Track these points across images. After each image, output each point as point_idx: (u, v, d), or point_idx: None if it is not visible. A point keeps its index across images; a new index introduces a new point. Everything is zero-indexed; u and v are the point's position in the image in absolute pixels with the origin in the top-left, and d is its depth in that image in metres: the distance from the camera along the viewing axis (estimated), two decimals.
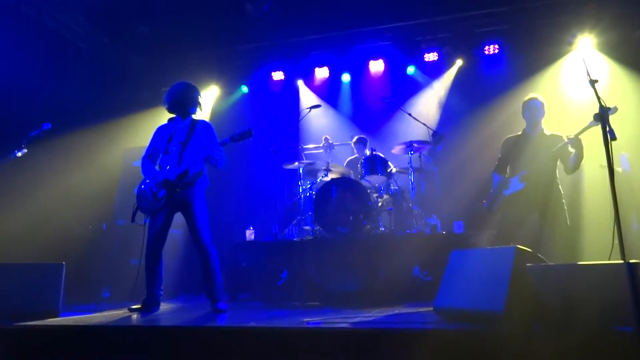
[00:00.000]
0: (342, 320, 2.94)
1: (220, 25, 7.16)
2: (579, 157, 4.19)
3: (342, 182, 5.41)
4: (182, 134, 4.20)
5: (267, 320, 3.16)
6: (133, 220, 4.23)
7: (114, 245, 6.17)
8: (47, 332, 3.00)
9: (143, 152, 4.38)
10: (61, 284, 3.62)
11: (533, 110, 4.55)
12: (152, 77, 7.84)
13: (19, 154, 4.48)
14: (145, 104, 7.38)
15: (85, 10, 6.67)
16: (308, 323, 2.86)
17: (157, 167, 4.29)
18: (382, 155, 5.74)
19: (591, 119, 3.70)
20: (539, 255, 2.85)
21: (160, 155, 4.26)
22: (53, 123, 4.60)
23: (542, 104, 4.55)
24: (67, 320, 3.35)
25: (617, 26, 6.39)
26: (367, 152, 6.12)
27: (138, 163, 4.58)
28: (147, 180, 4.18)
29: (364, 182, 5.55)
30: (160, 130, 4.36)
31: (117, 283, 5.80)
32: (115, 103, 7.04)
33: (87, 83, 6.73)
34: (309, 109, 6.22)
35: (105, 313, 3.85)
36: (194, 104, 4.31)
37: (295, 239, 5.56)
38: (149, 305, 4.07)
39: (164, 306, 4.37)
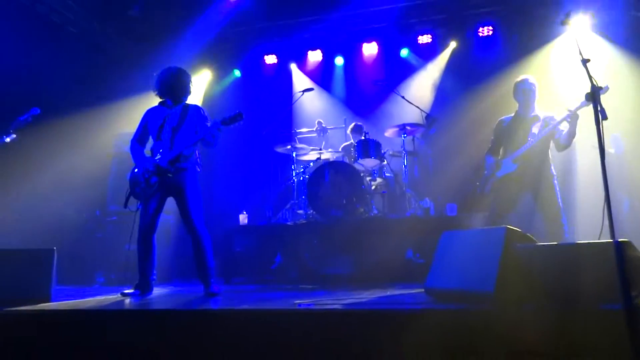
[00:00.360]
0: (334, 302, 2.95)
1: (212, 8, 7.07)
2: (572, 133, 4.19)
3: (336, 166, 5.40)
4: (174, 120, 4.15)
5: (259, 302, 3.16)
6: (126, 205, 4.20)
7: (107, 230, 6.15)
8: (38, 316, 2.99)
9: None
10: (53, 270, 3.60)
11: (525, 91, 4.52)
12: (143, 61, 7.71)
13: (8, 140, 4.44)
14: (137, 89, 7.28)
15: None
16: (299, 305, 2.87)
17: (147, 152, 4.25)
18: (375, 139, 5.72)
19: (584, 99, 3.70)
20: (529, 235, 2.86)
21: (152, 141, 4.22)
22: (43, 108, 4.55)
23: (534, 85, 4.52)
24: (58, 305, 3.35)
25: (611, 6, 6.36)
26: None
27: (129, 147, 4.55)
28: (138, 167, 4.15)
29: (357, 166, 5.55)
30: (151, 113, 4.29)
31: (111, 268, 5.81)
32: (107, 88, 6.97)
33: (78, 68, 6.67)
34: (301, 92, 6.17)
35: (98, 298, 3.84)
36: (186, 90, 4.25)
37: (288, 223, 5.56)
38: (143, 290, 4.07)
39: (157, 290, 4.37)
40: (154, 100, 4.47)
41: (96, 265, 5.95)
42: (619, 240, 2.38)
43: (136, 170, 4.17)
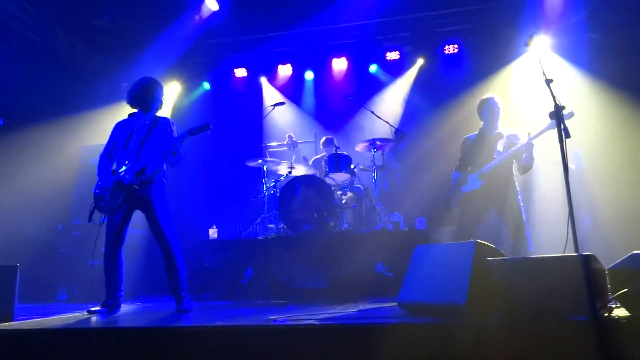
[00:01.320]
0: (308, 317, 2.95)
1: (182, 20, 7.03)
2: (530, 159, 4.35)
3: (307, 180, 5.42)
4: (143, 130, 4.10)
5: (233, 318, 3.14)
6: (90, 219, 4.10)
7: (70, 245, 5.97)
8: (1, 337, 2.87)
9: (101, 149, 4.25)
10: (15, 287, 3.47)
11: (490, 110, 4.68)
12: (109, 72, 7.62)
13: None
14: (103, 100, 7.17)
15: (37, 2, 6.42)
16: (274, 321, 2.86)
17: (113, 165, 4.18)
18: (346, 153, 5.78)
19: (544, 119, 3.87)
20: (498, 249, 2.95)
21: (118, 151, 4.15)
22: (5, 119, 4.40)
23: (498, 104, 4.68)
24: (21, 324, 3.22)
25: (568, 28, 6.68)
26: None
27: (96, 161, 4.43)
28: (100, 183, 4.08)
29: (328, 180, 5.58)
30: (120, 125, 4.24)
31: (74, 284, 5.63)
32: (72, 98, 6.82)
33: (42, 78, 6.49)
34: (272, 106, 6.19)
35: (64, 316, 3.72)
36: (156, 100, 4.23)
37: (259, 237, 5.53)
38: (110, 307, 3.96)
39: (125, 307, 4.26)
40: (121, 112, 4.42)
41: (58, 282, 5.75)
42: (584, 254, 2.48)
43: (100, 185, 4.09)
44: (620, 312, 2.51)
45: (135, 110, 4.24)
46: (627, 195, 5.54)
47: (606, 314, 2.46)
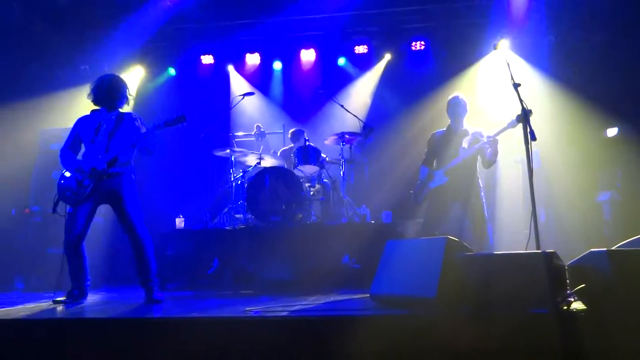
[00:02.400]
0: (283, 309, 3.01)
1: (147, 2, 6.85)
2: (494, 154, 4.56)
3: (275, 172, 5.44)
4: (109, 125, 4.06)
5: (207, 309, 3.15)
6: (54, 210, 4.02)
7: (27, 232, 5.77)
8: None
9: (62, 137, 4.15)
10: None
11: (456, 107, 4.84)
12: (70, 54, 7.31)
13: None
14: (63, 83, 6.91)
15: None
16: (252, 312, 2.90)
17: (78, 156, 4.10)
18: (315, 146, 5.83)
19: (508, 118, 4.06)
20: (466, 245, 3.10)
21: (85, 145, 4.08)
22: None
23: (464, 102, 4.85)
24: None
25: (529, 30, 6.95)
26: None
27: (56, 146, 4.31)
28: (69, 169, 3.98)
29: (296, 172, 5.62)
30: (83, 121, 4.15)
31: (32, 273, 5.46)
32: (30, 80, 6.54)
33: None
34: (242, 96, 6.13)
35: (28, 305, 3.62)
36: (122, 97, 4.15)
37: (226, 228, 5.53)
38: (76, 297, 3.90)
39: (90, 297, 4.18)
40: (82, 96, 4.29)
41: (15, 270, 5.56)
42: (547, 251, 2.65)
43: (66, 175, 4.00)
44: (578, 305, 2.69)
45: (97, 107, 4.15)
46: (579, 192, 5.86)
47: (565, 308, 2.64)
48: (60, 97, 6.54)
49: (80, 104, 4.19)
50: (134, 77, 7.64)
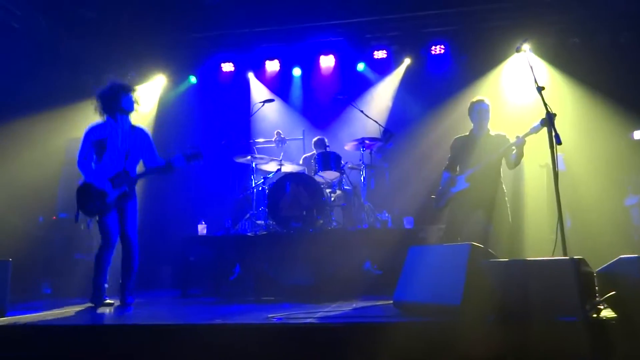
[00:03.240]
0: (307, 316, 3.00)
1: (169, 13, 6.96)
2: (520, 155, 4.48)
3: (296, 178, 5.45)
4: (125, 138, 4.24)
5: (231, 316, 3.17)
6: (77, 220, 4.15)
7: (54, 239, 5.90)
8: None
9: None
10: (8, 282, 3.43)
11: (480, 112, 4.77)
12: (94, 63, 7.47)
13: None
14: (88, 92, 7.03)
15: None
16: (275, 319, 2.90)
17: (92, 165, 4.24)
18: (336, 152, 5.83)
19: (532, 121, 3.99)
20: (491, 251, 3.05)
21: (107, 153, 4.20)
22: None
23: (488, 107, 4.78)
24: (17, 318, 3.19)
25: (553, 33, 6.86)
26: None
27: None
28: (92, 181, 4.14)
29: (317, 178, 5.63)
30: (95, 130, 4.26)
31: (59, 278, 5.56)
32: (55, 90, 6.68)
33: (25, 68, 6.34)
34: (262, 103, 6.18)
35: (56, 311, 3.69)
36: (126, 103, 4.26)
37: (248, 234, 5.55)
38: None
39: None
40: None
41: (43, 276, 5.68)
42: (575, 257, 2.60)
43: (93, 185, 4.11)
44: (607, 313, 2.63)
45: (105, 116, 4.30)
46: (606, 197, 5.74)
47: (595, 315, 2.58)
48: (86, 106, 6.66)
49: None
50: (157, 85, 7.77)
